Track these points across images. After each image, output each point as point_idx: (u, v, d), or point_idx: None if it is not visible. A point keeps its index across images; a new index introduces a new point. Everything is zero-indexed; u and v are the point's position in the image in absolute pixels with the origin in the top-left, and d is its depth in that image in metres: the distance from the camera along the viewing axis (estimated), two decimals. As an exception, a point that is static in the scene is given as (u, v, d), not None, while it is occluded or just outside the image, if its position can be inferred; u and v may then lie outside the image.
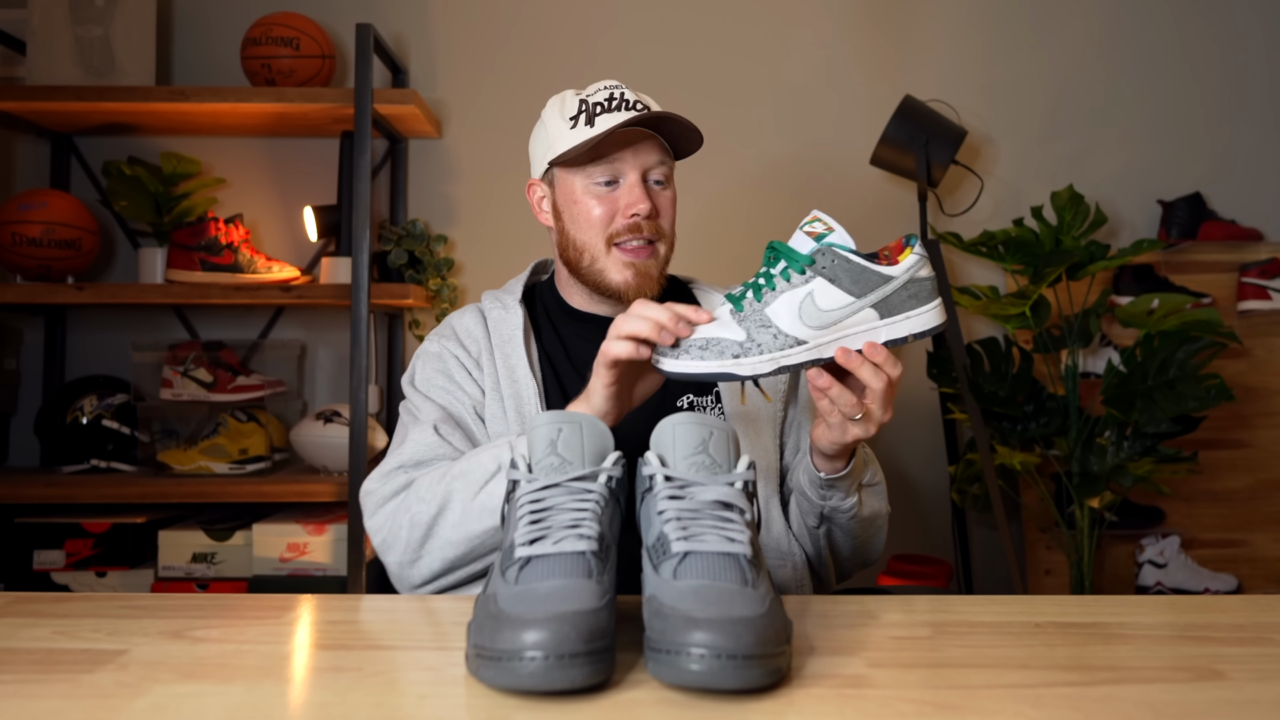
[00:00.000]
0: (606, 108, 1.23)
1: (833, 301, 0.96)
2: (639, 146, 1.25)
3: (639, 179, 1.25)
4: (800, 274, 0.96)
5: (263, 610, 0.93)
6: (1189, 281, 2.58)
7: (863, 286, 0.96)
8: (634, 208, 1.23)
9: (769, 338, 0.96)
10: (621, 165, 1.24)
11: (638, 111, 1.23)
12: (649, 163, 1.26)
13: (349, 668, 0.76)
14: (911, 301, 0.97)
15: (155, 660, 0.77)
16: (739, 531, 0.77)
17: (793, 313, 0.96)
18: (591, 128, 1.23)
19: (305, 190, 2.70)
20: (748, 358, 0.96)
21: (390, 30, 2.71)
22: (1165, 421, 2.30)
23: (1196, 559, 2.53)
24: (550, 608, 0.69)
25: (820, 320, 0.96)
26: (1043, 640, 0.83)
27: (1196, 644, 0.82)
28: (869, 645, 0.81)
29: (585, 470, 0.81)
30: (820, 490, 1.16)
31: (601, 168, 1.24)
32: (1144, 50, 2.75)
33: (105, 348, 2.68)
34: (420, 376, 1.30)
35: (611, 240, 1.25)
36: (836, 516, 1.19)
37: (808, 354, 0.97)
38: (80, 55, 2.48)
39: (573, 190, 1.26)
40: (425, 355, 1.32)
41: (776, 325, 0.96)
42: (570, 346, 1.32)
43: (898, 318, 0.97)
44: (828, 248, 0.96)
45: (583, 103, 1.25)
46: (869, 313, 0.97)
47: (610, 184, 1.25)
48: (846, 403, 1.01)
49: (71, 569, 2.27)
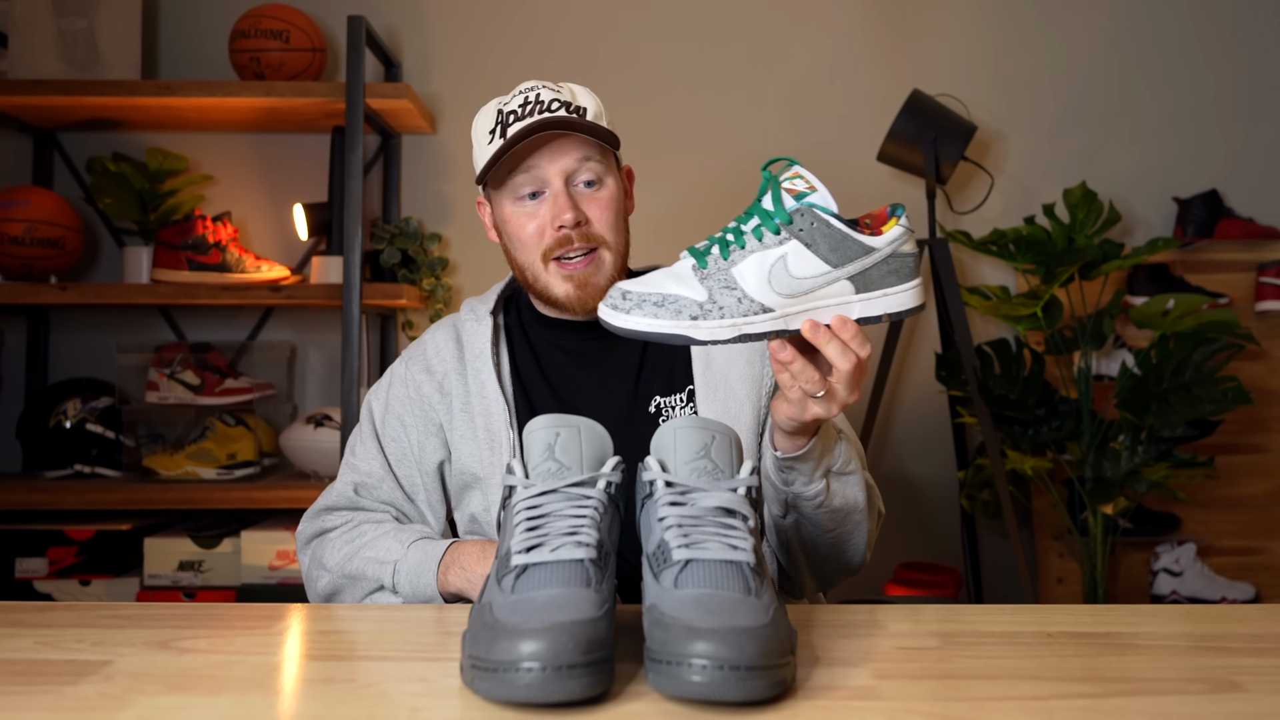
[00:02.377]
0: (520, 115, 1.19)
1: (807, 269, 0.89)
2: (555, 149, 1.19)
3: (563, 186, 1.19)
4: (774, 234, 0.89)
5: (251, 620, 0.93)
6: (1205, 281, 2.58)
7: (841, 255, 0.89)
8: (558, 219, 1.19)
9: (732, 301, 0.89)
10: (541, 173, 1.19)
11: (551, 112, 1.18)
12: (569, 166, 1.20)
13: (340, 679, 0.76)
14: (891, 278, 0.90)
15: (141, 671, 0.77)
16: (742, 539, 0.77)
17: (761, 277, 0.89)
18: (504, 139, 1.18)
19: (295, 187, 2.70)
20: (706, 320, 0.90)
21: (383, 22, 2.71)
22: (1181, 425, 2.30)
23: (1213, 567, 2.53)
24: (547, 617, 0.69)
25: (791, 288, 0.90)
26: (1055, 651, 0.83)
27: (1213, 655, 0.82)
28: (876, 656, 0.81)
29: (583, 475, 0.82)
30: (781, 474, 1.10)
31: (522, 178, 1.20)
32: (1159, 42, 2.75)
33: (89, 349, 2.68)
34: (381, 399, 1.31)
35: (548, 256, 1.21)
36: (801, 505, 1.12)
37: (773, 323, 0.91)
38: (63, 48, 2.48)
39: (503, 209, 1.24)
40: (393, 376, 1.32)
41: (742, 288, 0.89)
42: (542, 355, 1.30)
43: (874, 294, 0.91)
44: (808, 208, 0.89)
45: (499, 114, 1.21)
46: (844, 285, 0.90)
47: (535, 195, 1.21)
48: (809, 379, 0.95)
49: (54, 577, 2.27)
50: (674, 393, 1.27)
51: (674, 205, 2.61)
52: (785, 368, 0.95)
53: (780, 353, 0.94)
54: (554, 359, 1.30)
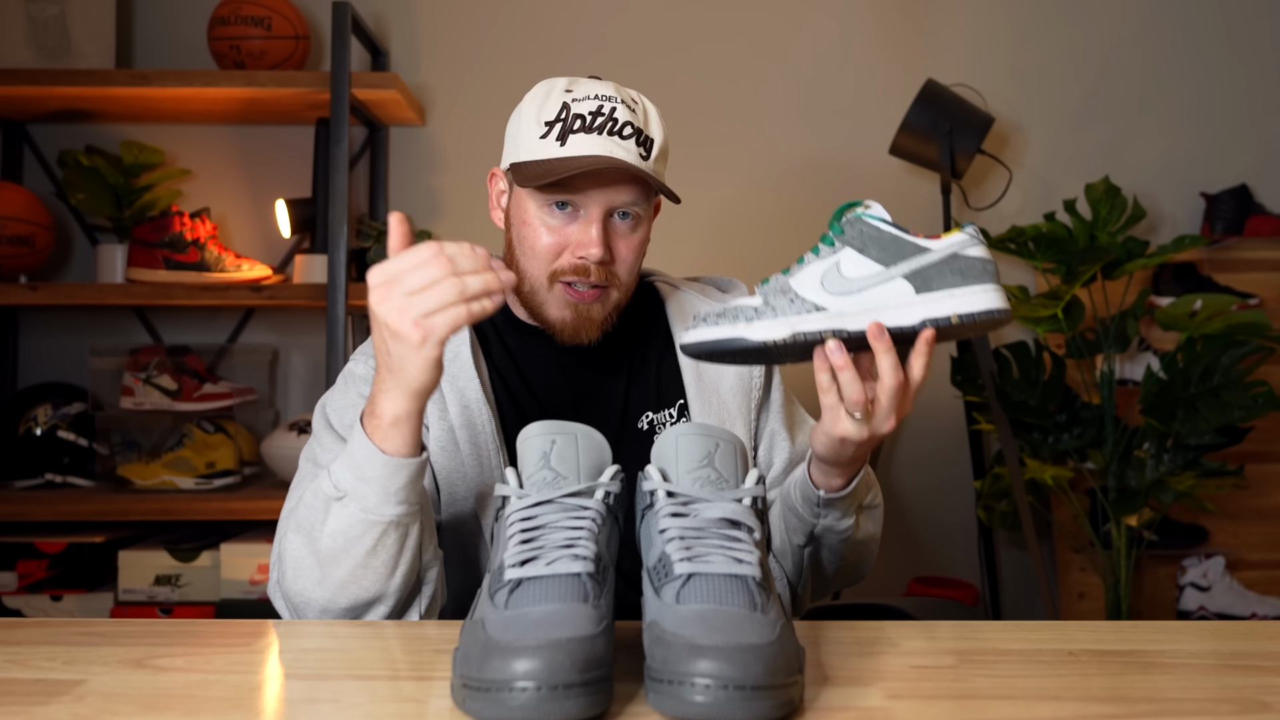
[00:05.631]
0: (586, 125, 1.15)
1: (858, 270, 0.94)
2: (609, 182, 1.16)
3: (600, 216, 1.16)
4: (830, 246, 0.96)
5: (231, 637, 0.93)
6: (1235, 281, 2.58)
7: (892, 255, 0.93)
8: (584, 249, 1.16)
9: (785, 302, 0.95)
10: (582, 197, 1.16)
11: (622, 139, 1.15)
12: (616, 202, 1.17)
13: (324, 699, 0.76)
14: (955, 278, 0.92)
15: (115, 691, 0.77)
16: (747, 551, 0.77)
17: (815, 282, 0.95)
18: (562, 146, 1.15)
19: (277, 182, 2.70)
20: (760, 320, 0.95)
21: (369, 9, 2.72)
22: (1209, 432, 2.30)
23: (1243, 581, 2.53)
24: (543, 634, 0.69)
25: (842, 288, 0.94)
26: (1077, 670, 0.83)
27: (1243, 674, 0.82)
28: (888, 675, 0.81)
29: (580, 485, 0.82)
30: (815, 508, 1.13)
31: (562, 194, 1.16)
32: (1186, 30, 2.76)
33: (61, 353, 2.68)
34: (339, 402, 1.20)
35: (555, 276, 1.18)
36: (828, 537, 1.16)
37: (828, 321, 0.94)
38: (34, 36, 2.49)
39: (525, 208, 1.19)
40: (350, 379, 1.21)
41: (795, 291, 0.95)
42: (521, 363, 1.27)
43: (938, 293, 0.92)
44: (858, 218, 0.95)
45: (564, 108, 1.17)
46: (902, 285, 0.93)
47: (567, 208, 1.17)
48: (853, 393, 0.96)
49: (24, 592, 2.27)
50: (664, 408, 1.28)
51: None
52: (837, 373, 0.96)
53: (835, 355, 0.95)
54: (536, 369, 1.27)
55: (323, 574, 1.01)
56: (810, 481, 1.12)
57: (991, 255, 0.94)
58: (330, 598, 1.01)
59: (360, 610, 1.02)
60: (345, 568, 1.00)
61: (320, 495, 1.01)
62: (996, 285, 0.93)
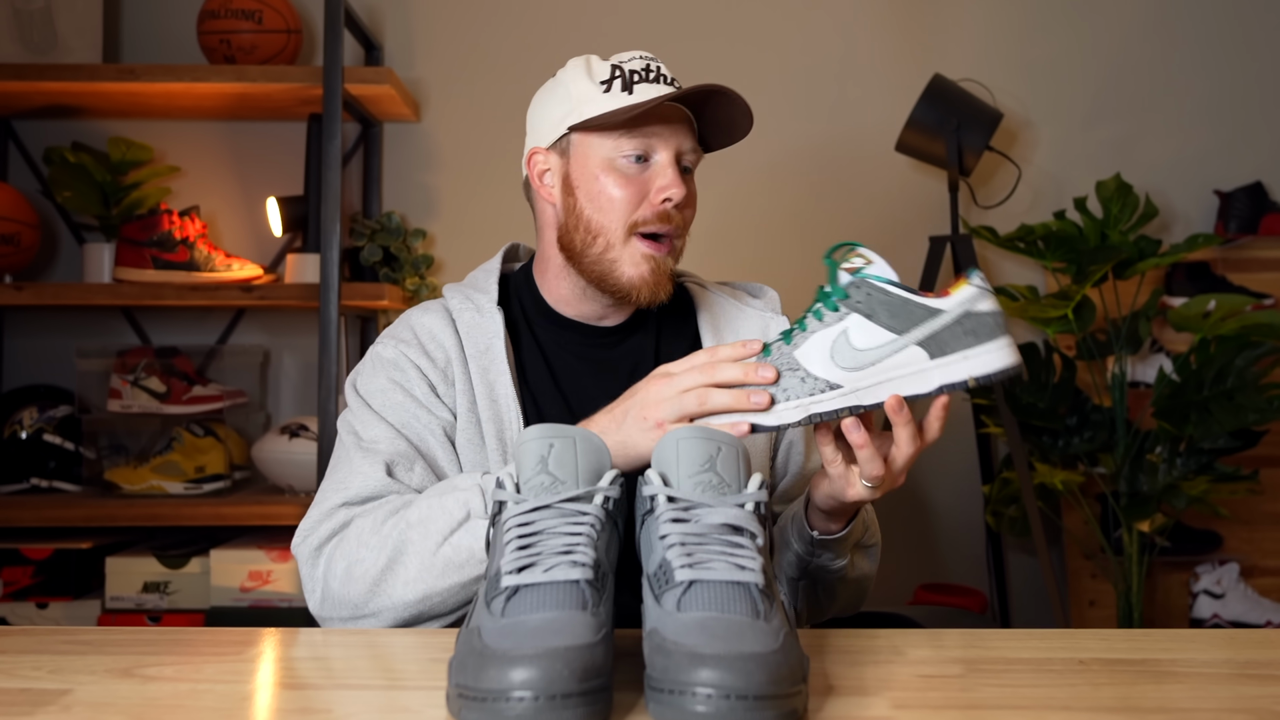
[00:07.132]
0: (644, 77, 1.20)
1: (870, 339, 0.93)
2: (676, 125, 1.21)
3: (672, 160, 1.20)
4: (833, 310, 0.94)
5: (221, 646, 0.93)
6: (1249, 281, 2.59)
7: (904, 321, 0.92)
8: (667, 191, 1.18)
9: (796, 382, 0.94)
10: (656, 141, 1.19)
11: (676, 88, 1.21)
12: (685, 146, 1.22)
13: (317, 709, 0.76)
14: (969, 339, 0.92)
15: (102, 701, 0.77)
16: (750, 558, 0.77)
17: (824, 354, 0.94)
18: (630, 95, 1.19)
19: (269, 180, 2.70)
20: (774, 405, 0.95)
21: (363, 2, 2.72)
22: (1223, 436, 2.30)
23: (1258, 589, 2.53)
24: (540, 643, 0.69)
25: (855, 361, 0.93)
26: (1087, 679, 0.83)
27: (1258, 683, 0.82)
28: (894, 684, 0.81)
29: (579, 490, 0.82)
30: (810, 547, 1.15)
31: (635, 141, 1.19)
32: (1198, 24, 2.76)
33: (47, 354, 2.68)
34: (370, 384, 1.20)
35: (634, 228, 1.19)
36: (821, 575, 1.18)
37: (844, 399, 0.94)
38: (19, 30, 2.49)
39: (589, 164, 1.21)
40: (379, 362, 1.22)
41: (805, 368, 0.94)
42: (552, 358, 1.27)
43: (952, 357, 0.92)
44: (862, 279, 0.93)
45: (615, 68, 1.21)
46: (915, 351, 0.92)
47: (640, 160, 1.20)
48: (874, 469, 0.98)
49: (9, 600, 2.27)
50: None
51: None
52: (857, 450, 0.97)
53: (854, 434, 0.97)
54: (564, 364, 1.27)
55: (426, 578, 1.04)
56: (806, 523, 1.14)
57: (999, 305, 0.94)
58: (422, 596, 1.05)
59: (435, 618, 1.07)
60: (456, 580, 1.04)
61: (461, 504, 1.05)
62: (1008, 339, 0.94)
